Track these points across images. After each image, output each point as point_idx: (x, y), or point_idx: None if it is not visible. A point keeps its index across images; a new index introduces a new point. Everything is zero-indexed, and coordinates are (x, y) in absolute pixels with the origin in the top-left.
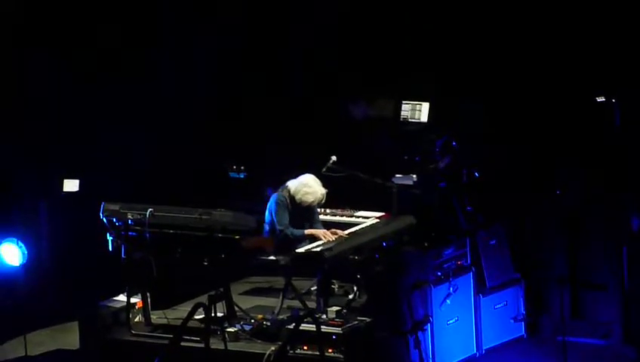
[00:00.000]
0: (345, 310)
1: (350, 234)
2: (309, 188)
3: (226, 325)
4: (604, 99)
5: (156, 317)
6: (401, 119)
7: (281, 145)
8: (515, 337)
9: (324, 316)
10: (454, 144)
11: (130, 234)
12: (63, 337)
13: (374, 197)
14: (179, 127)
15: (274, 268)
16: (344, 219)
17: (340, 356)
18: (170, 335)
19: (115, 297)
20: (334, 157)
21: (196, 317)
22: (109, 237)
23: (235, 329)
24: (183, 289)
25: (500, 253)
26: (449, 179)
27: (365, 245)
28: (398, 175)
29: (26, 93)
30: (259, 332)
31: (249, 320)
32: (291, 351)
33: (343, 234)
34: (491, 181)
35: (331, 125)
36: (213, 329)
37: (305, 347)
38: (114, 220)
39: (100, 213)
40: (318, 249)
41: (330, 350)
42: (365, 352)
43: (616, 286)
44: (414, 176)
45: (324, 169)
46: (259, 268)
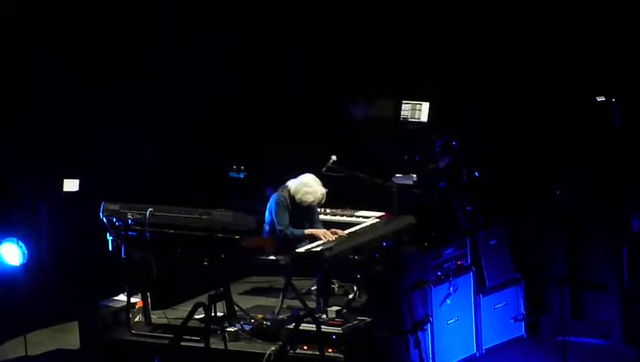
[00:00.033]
0: (345, 310)
1: (350, 234)
2: (309, 188)
3: (226, 325)
4: (604, 99)
5: (156, 317)
6: (401, 119)
7: (281, 145)
8: (515, 337)
9: (324, 316)
10: (454, 144)
11: (130, 234)
12: (63, 337)
13: (374, 197)
14: (179, 127)
15: (274, 268)
16: (344, 218)
17: (340, 356)
18: (171, 335)
19: (115, 297)
20: (334, 157)
21: (196, 317)
22: (109, 237)
23: (235, 329)
24: (183, 289)
25: (500, 252)
26: (449, 179)
27: (365, 245)
28: (398, 175)
29: (26, 93)
30: (259, 332)
31: (249, 319)
32: (291, 350)
33: (343, 234)
34: (491, 181)
35: (331, 125)
36: (213, 329)
37: (305, 347)
38: (114, 220)
39: (100, 213)
40: (318, 249)
41: (330, 350)
42: (365, 352)
43: (616, 286)
44: (414, 176)
45: (324, 169)
46: (259, 268)
